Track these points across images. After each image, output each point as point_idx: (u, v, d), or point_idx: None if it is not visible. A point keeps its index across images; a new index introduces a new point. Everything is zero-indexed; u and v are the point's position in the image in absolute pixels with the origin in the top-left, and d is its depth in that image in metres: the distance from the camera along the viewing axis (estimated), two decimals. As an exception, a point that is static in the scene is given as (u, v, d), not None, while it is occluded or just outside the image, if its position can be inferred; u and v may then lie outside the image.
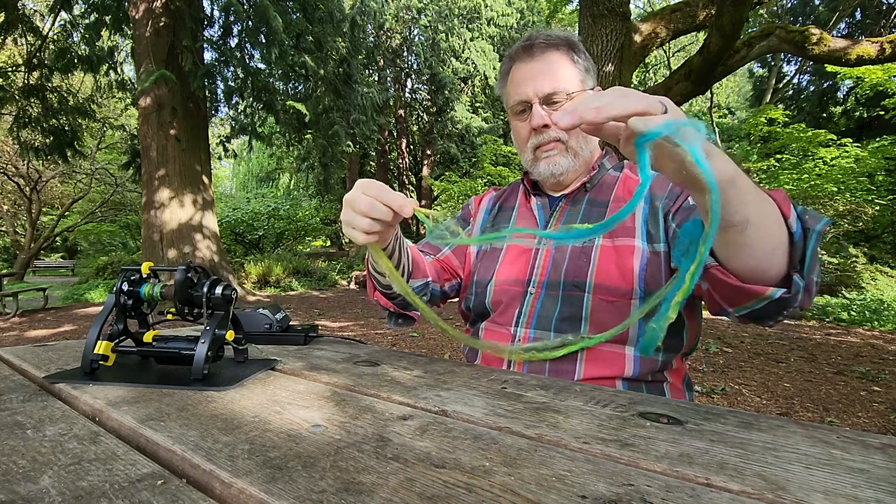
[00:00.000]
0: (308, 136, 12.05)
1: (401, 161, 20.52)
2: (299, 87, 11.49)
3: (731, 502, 0.32)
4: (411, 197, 0.62)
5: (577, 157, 0.89)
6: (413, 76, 20.03)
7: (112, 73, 9.51)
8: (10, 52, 11.36)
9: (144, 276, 0.67)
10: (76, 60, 8.81)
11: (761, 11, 10.58)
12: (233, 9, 8.11)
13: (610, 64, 4.40)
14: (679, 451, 0.40)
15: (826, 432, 0.45)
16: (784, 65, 16.26)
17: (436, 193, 14.45)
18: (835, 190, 8.12)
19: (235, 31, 8.90)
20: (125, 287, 0.65)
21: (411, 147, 21.59)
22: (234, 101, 9.50)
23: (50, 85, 9.63)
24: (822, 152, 9.21)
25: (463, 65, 18.39)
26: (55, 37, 9.43)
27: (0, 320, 6.46)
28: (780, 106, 12.53)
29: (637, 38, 4.70)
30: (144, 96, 7.72)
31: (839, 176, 8.27)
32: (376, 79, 18.23)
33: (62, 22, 9.42)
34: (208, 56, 9.10)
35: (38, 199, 15.74)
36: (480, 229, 1.03)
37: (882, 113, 10.12)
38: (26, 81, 9.34)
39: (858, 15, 14.29)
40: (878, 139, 9.19)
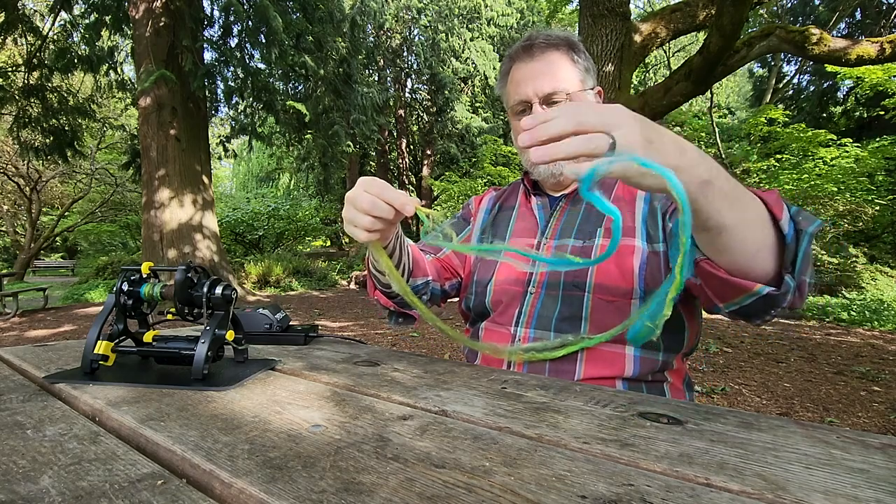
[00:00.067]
0: (308, 136, 12.05)
1: (401, 161, 20.52)
2: (299, 87, 11.49)
3: (731, 502, 0.31)
4: (412, 196, 0.62)
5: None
6: (413, 76, 20.03)
7: (112, 73, 9.51)
8: (10, 52, 11.36)
9: (144, 276, 0.67)
10: (76, 60, 8.81)
11: (761, 11, 10.57)
12: (233, 9, 8.11)
13: (610, 64, 4.40)
14: (679, 451, 0.40)
15: (826, 432, 0.45)
16: (784, 65, 16.26)
17: (436, 193, 14.45)
18: (835, 190, 8.12)
19: (235, 31, 8.90)
20: (125, 287, 0.65)
21: (411, 147, 21.58)
22: (234, 101, 9.50)
23: (50, 85, 9.63)
24: (822, 152, 9.21)
25: (463, 65, 18.38)
26: (55, 37, 9.43)
27: (0, 320, 6.46)
28: (780, 106, 12.52)
29: (637, 38, 4.70)
30: (144, 96, 7.72)
31: (839, 176, 8.27)
32: (376, 79, 18.23)
33: (62, 22, 9.42)
34: (208, 56, 9.11)
35: (38, 199, 15.74)
36: (480, 229, 1.03)
37: (882, 113, 10.12)
38: (26, 81, 9.34)
39: (858, 15, 14.29)
40: (878, 139, 9.19)
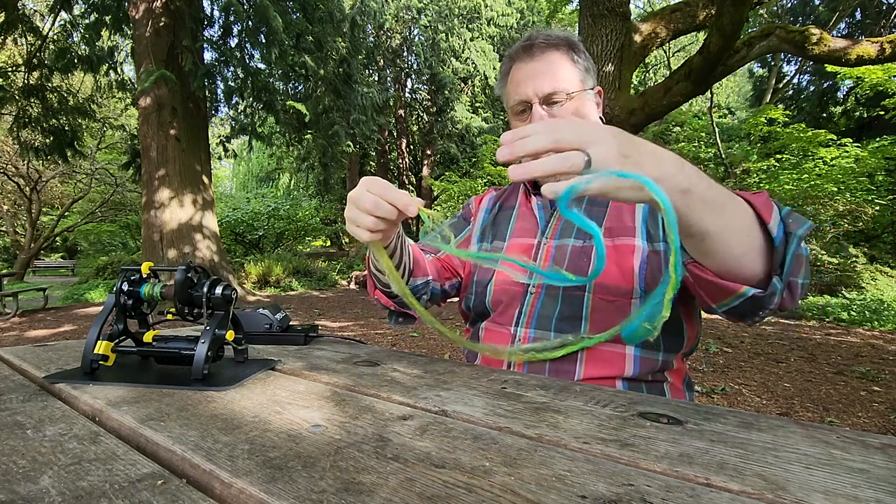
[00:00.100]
0: (308, 136, 12.05)
1: (401, 161, 20.52)
2: (299, 87, 11.49)
3: (731, 502, 0.31)
4: (413, 196, 0.62)
5: (578, 157, 0.89)
6: (413, 76, 20.03)
7: (112, 73, 9.51)
8: (10, 52, 11.36)
9: (144, 276, 0.67)
10: (76, 60, 8.81)
11: (761, 11, 10.57)
12: (233, 9, 8.11)
13: (610, 64, 4.40)
14: (679, 451, 0.40)
15: (826, 432, 0.45)
16: (784, 65, 16.26)
17: (436, 193, 14.45)
18: (835, 190, 8.12)
19: (235, 31, 8.90)
20: (125, 287, 0.65)
21: (411, 147, 21.58)
22: (234, 101, 9.50)
23: (50, 85, 9.63)
24: (822, 152, 9.21)
25: (463, 65, 18.39)
26: (55, 37, 9.43)
27: (0, 320, 6.46)
28: (780, 106, 12.52)
29: (637, 38, 4.70)
30: (144, 96, 7.72)
31: (839, 176, 8.27)
32: (376, 79, 18.24)
33: (62, 22, 9.42)
34: (208, 56, 9.11)
35: (38, 199, 15.74)
36: (480, 229, 1.03)
37: (882, 113, 10.13)
38: (26, 81, 9.34)
39: (858, 15, 14.29)
40: (878, 139, 9.20)
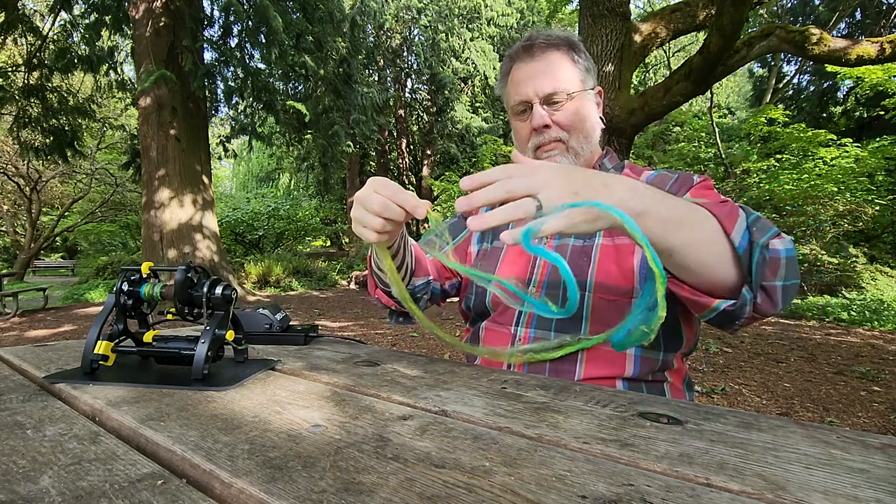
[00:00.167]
0: (308, 136, 12.05)
1: (401, 161, 20.52)
2: (299, 87, 11.50)
3: (731, 502, 0.31)
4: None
5: (578, 157, 0.89)
6: (413, 76, 20.03)
7: (112, 73, 9.51)
8: (10, 52, 11.36)
9: (144, 276, 0.67)
10: (76, 60, 8.81)
11: (761, 11, 10.57)
12: (233, 9, 8.11)
13: (610, 64, 4.40)
14: (679, 451, 0.40)
15: (826, 432, 0.45)
16: (784, 65, 16.27)
17: (436, 193, 14.45)
18: (835, 190, 8.12)
19: (235, 31, 8.91)
20: (125, 287, 0.65)
21: (411, 147, 21.58)
22: (234, 101, 9.50)
23: (50, 85, 9.64)
24: (822, 152, 9.21)
25: (463, 65, 18.39)
26: (55, 37, 9.43)
27: (0, 320, 6.46)
28: (780, 106, 12.53)
29: (637, 38, 4.70)
30: (144, 96, 7.72)
31: (839, 176, 8.27)
32: (376, 79, 18.24)
33: (62, 22, 9.43)
34: (208, 56, 9.11)
35: (38, 199, 15.74)
36: (479, 235, 1.03)
37: (882, 113, 10.13)
38: (26, 81, 9.34)
39: (858, 15, 14.29)
40: (878, 139, 9.20)
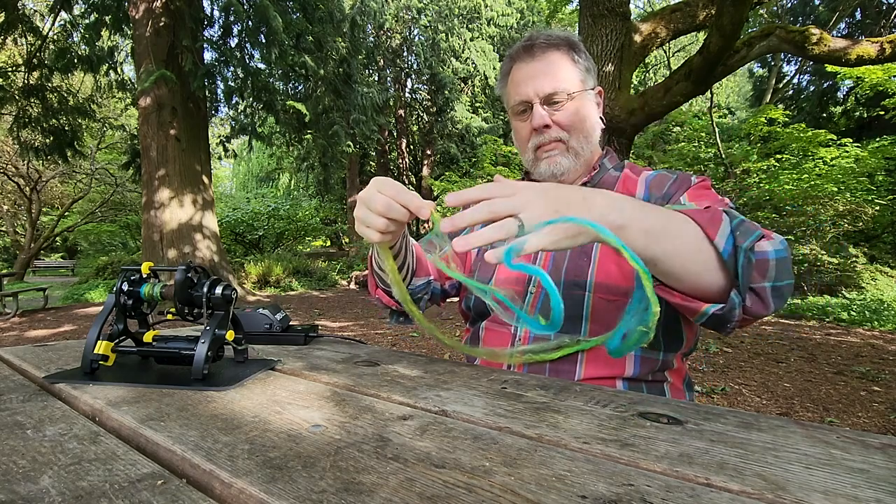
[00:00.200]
0: (308, 136, 12.05)
1: (401, 161, 20.51)
2: (299, 87, 11.49)
3: (731, 502, 0.31)
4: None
5: (578, 157, 0.89)
6: (413, 76, 20.03)
7: (112, 73, 9.51)
8: (10, 52, 11.36)
9: (144, 276, 0.67)
10: (76, 60, 8.81)
11: (761, 11, 10.57)
12: (233, 9, 8.11)
13: (610, 64, 4.40)
14: (679, 451, 0.40)
15: (826, 432, 0.45)
16: (784, 65, 16.27)
17: (436, 193, 14.44)
18: (835, 190, 8.12)
19: (235, 31, 8.91)
20: (125, 287, 0.65)
21: (411, 147, 21.58)
22: (234, 101, 9.50)
23: (50, 85, 9.63)
24: (822, 152, 9.22)
25: (463, 65, 18.39)
26: (55, 37, 9.43)
27: (0, 320, 6.46)
28: (780, 106, 12.53)
29: (637, 38, 4.70)
30: (144, 96, 7.72)
31: (839, 176, 8.27)
32: (376, 79, 18.24)
33: (62, 22, 9.42)
34: (208, 56, 9.11)
35: (38, 199, 15.74)
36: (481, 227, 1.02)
37: (882, 113, 10.13)
38: (26, 81, 9.34)
39: (858, 15, 14.29)
40: (878, 139, 9.21)
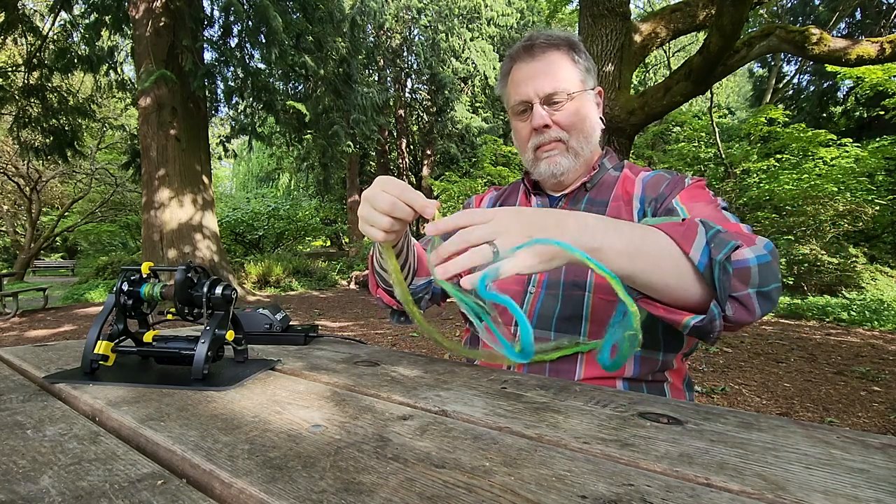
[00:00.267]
0: (308, 136, 12.04)
1: (401, 161, 20.51)
2: (299, 87, 11.49)
3: (731, 502, 0.31)
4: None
5: (578, 157, 0.89)
6: (413, 76, 20.03)
7: (112, 73, 9.51)
8: (10, 52, 11.36)
9: (144, 276, 0.67)
10: (76, 60, 8.81)
11: (761, 11, 10.56)
12: (233, 9, 8.11)
13: (610, 64, 4.40)
14: (679, 451, 0.40)
15: (826, 432, 0.45)
16: (784, 65, 16.26)
17: (436, 193, 14.44)
18: (835, 190, 8.12)
19: (235, 31, 8.90)
20: (125, 287, 0.65)
21: (411, 147, 21.58)
22: (234, 101, 9.50)
23: (50, 85, 9.63)
24: (822, 152, 9.21)
25: (463, 65, 18.39)
26: (55, 37, 9.42)
27: (0, 320, 6.46)
28: (780, 106, 12.52)
29: (637, 38, 4.70)
30: (144, 96, 7.72)
31: (839, 176, 8.27)
32: (376, 79, 18.24)
33: (62, 22, 9.42)
34: (208, 56, 9.11)
35: (38, 199, 15.74)
36: None
37: (882, 113, 10.12)
38: (26, 81, 9.33)
39: (858, 15, 14.29)
40: (878, 139, 9.20)
